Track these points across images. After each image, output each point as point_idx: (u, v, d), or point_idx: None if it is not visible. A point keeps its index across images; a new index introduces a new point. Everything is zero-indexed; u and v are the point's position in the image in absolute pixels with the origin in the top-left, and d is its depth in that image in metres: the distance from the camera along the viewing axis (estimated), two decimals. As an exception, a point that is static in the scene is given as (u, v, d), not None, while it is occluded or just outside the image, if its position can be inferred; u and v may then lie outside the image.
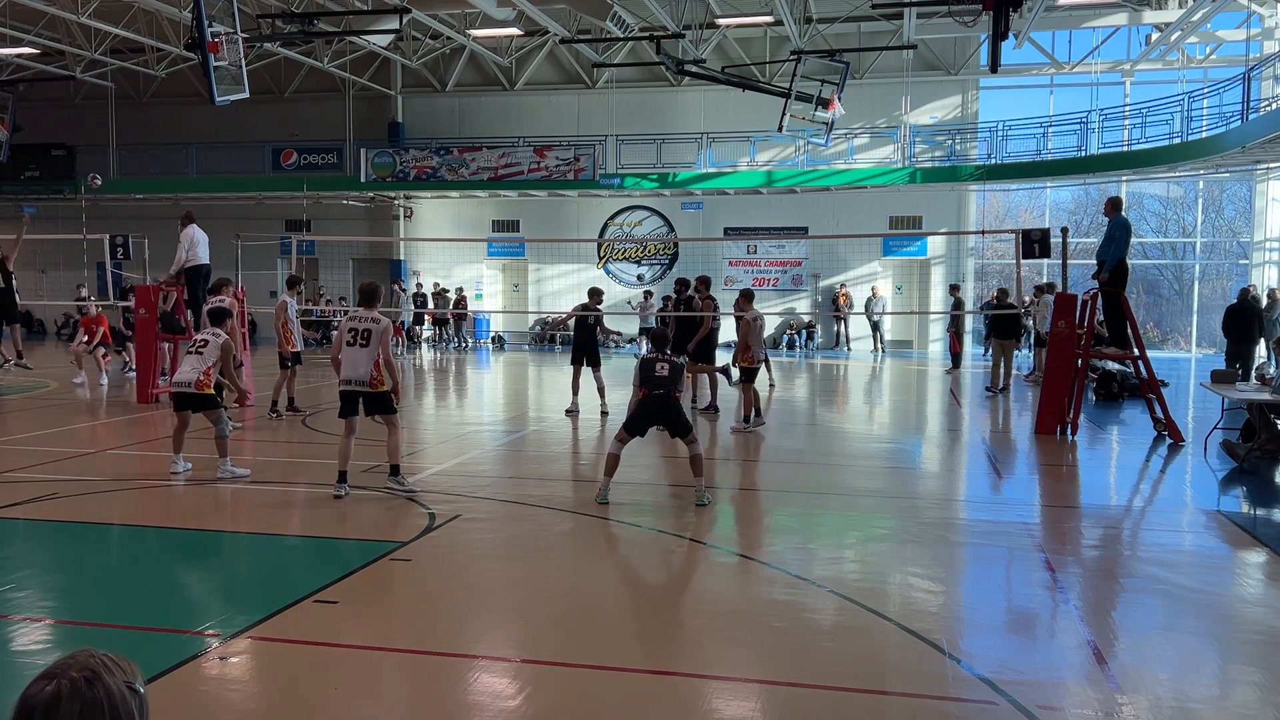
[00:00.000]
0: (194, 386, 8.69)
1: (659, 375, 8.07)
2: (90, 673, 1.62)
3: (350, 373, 8.02)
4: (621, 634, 5.13)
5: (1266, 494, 9.39)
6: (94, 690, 1.61)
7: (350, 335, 8.01)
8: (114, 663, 1.67)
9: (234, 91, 14.87)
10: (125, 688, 1.65)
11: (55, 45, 25.25)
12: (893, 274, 27.88)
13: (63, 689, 1.59)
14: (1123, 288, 11.83)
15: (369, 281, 8.64)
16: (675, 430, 8.12)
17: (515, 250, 29.12)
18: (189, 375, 8.74)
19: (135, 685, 1.67)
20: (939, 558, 6.65)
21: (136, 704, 1.66)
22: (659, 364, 8.15)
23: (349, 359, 8.02)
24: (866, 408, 16.11)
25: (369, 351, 7.96)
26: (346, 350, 8.03)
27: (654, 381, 8.06)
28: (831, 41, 25.08)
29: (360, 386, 8.02)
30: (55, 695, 1.59)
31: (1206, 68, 25.76)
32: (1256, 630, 5.30)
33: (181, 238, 13.76)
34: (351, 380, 8.02)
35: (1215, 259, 31.49)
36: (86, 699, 1.60)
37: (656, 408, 8.02)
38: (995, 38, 14.10)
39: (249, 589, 5.92)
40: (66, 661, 1.64)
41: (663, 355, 8.35)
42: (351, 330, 8.02)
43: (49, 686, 1.60)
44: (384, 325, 8.04)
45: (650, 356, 8.33)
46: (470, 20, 24.61)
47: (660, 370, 8.10)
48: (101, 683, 1.62)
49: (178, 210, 21.69)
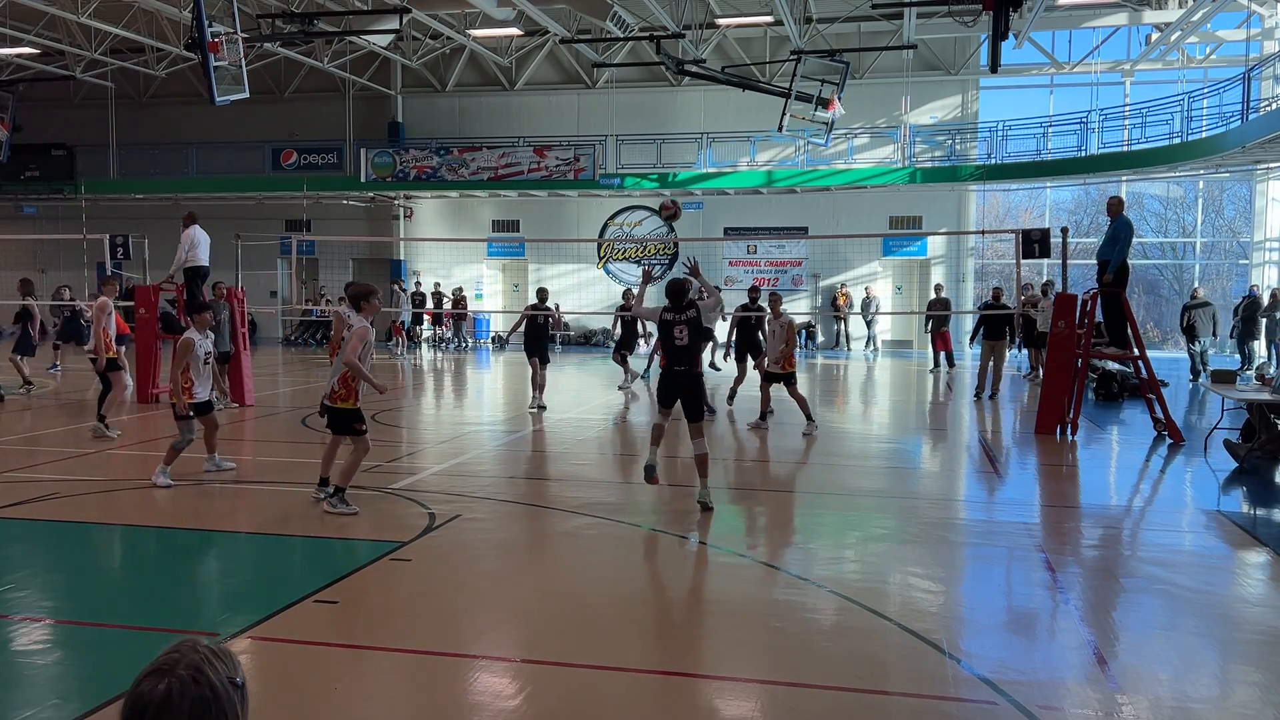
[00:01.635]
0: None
1: (678, 344, 7.34)
2: (196, 670, 1.65)
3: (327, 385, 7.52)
4: (621, 634, 5.13)
5: (1266, 494, 9.38)
6: (200, 687, 1.63)
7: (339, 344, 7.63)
8: (217, 657, 1.70)
9: (234, 91, 14.87)
10: (228, 682, 1.67)
11: (55, 45, 25.25)
12: (893, 274, 27.88)
13: (173, 687, 1.61)
14: (1123, 288, 11.83)
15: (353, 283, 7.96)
16: (688, 412, 7.50)
17: (515, 250, 29.11)
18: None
19: (237, 679, 1.70)
20: (939, 558, 6.65)
21: (239, 698, 1.69)
22: (676, 329, 7.36)
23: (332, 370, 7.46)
24: (866, 408, 16.10)
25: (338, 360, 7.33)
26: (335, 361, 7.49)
27: (674, 353, 7.37)
28: (831, 41, 25.09)
29: (324, 399, 7.41)
30: (167, 694, 1.61)
31: (1206, 68, 25.77)
32: (1256, 630, 5.30)
33: (182, 238, 13.75)
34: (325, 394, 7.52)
35: (1215, 259, 31.49)
36: (195, 696, 1.62)
37: (676, 383, 7.46)
38: (995, 38, 14.10)
39: (249, 589, 5.92)
40: (173, 656, 1.66)
41: (681, 315, 7.44)
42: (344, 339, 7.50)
43: (160, 685, 1.62)
44: (356, 328, 7.30)
45: (668, 319, 7.49)
46: (470, 20, 24.62)
47: (679, 337, 7.33)
48: (207, 679, 1.65)
49: (178, 210, 21.71)
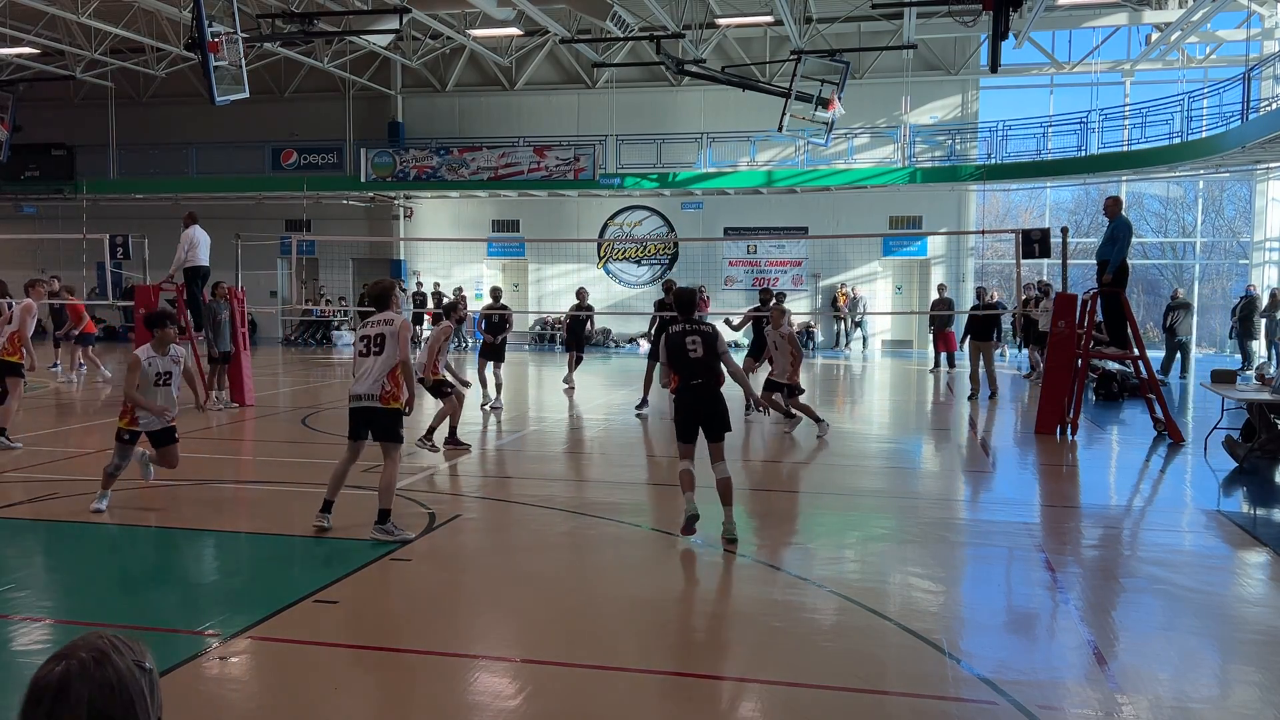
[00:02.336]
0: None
1: (692, 357, 6.52)
2: (99, 653, 1.63)
3: (359, 386, 6.69)
4: (621, 634, 5.13)
5: (1266, 494, 9.38)
6: (103, 670, 1.62)
7: (363, 345, 6.74)
8: (123, 643, 1.68)
9: (234, 91, 14.87)
10: (135, 666, 1.66)
11: (55, 45, 25.24)
12: (893, 274, 27.88)
13: (72, 670, 1.60)
14: (1123, 288, 11.83)
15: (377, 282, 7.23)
16: (710, 431, 6.59)
17: (515, 250, 29.11)
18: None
19: (144, 663, 1.68)
20: (939, 558, 6.65)
21: (146, 682, 1.67)
22: (688, 340, 6.56)
23: (360, 371, 6.74)
24: (866, 408, 16.10)
25: (385, 359, 6.65)
26: (360, 361, 6.76)
27: (687, 367, 6.53)
28: (831, 41, 25.08)
29: (370, 401, 6.65)
30: (65, 676, 1.60)
31: (1206, 68, 25.76)
32: (1256, 630, 5.30)
33: (182, 238, 13.76)
34: (360, 396, 6.69)
35: (1215, 259, 31.49)
36: (96, 679, 1.61)
37: (695, 400, 6.56)
38: (995, 38, 14.10)
39: (249, 589, 5.92)
40: (76, 643, 1.65)
41: (691, 325, 6.67)
42: (364, 338, 6.76)
43: (58, 668, 1.61)
44: (399, 323, 6.74)
45: (677, 330, 6.67)
46: (470, 20, 24.61)
47: (692, 349, 6.52)
48: (110, 663, 1.63)
49: (178, 210, 21.69)
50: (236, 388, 13.97)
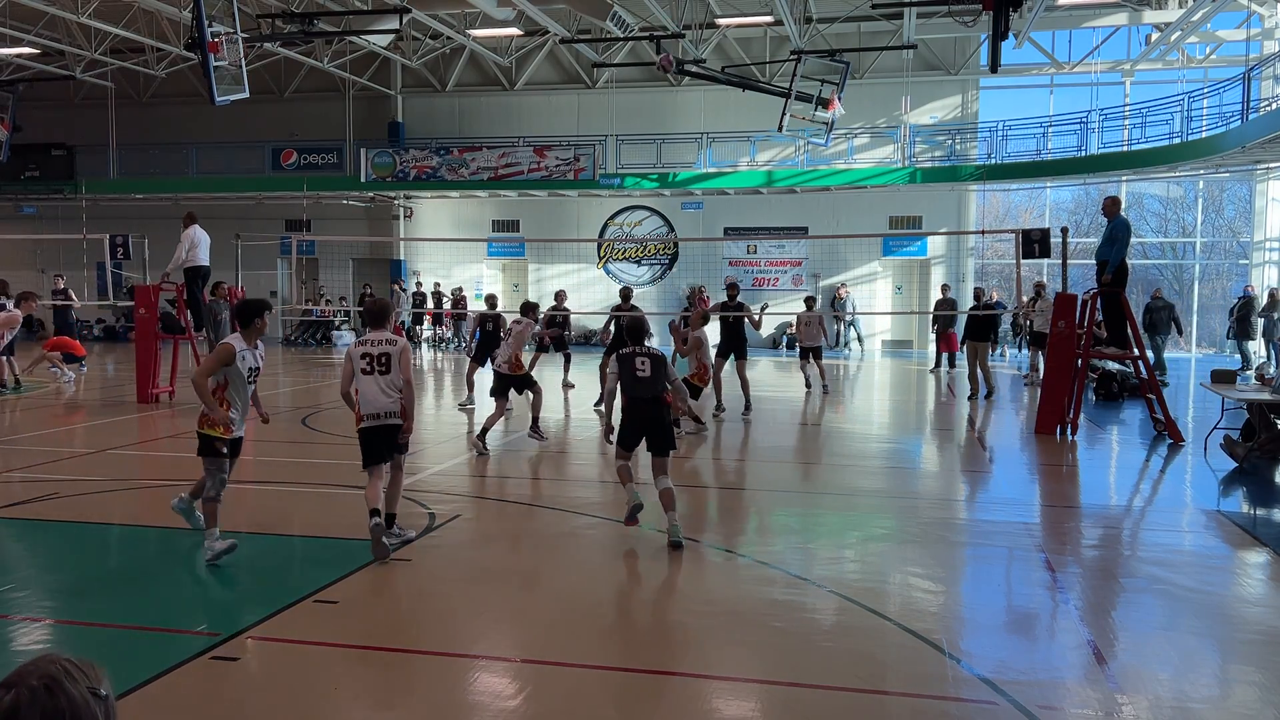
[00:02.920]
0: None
1: (640, 376, 7.05)
2: (50, 680, 1.55)
3: (377, 405, 6.68)
4: (621, 634, 5.13)
5: (1266, 494, 9.38)
6: (54, 698, 1.54)
7: (365, 363, 6.73)
8: (76, 668, 1.59)
9: (234, 91, 14.87)
10: (89, 693, 1.58)
11: (55, 45, 25.24)
12: (893, 274, 27.88)
13: (21, 698, 1.52)
14: (1123, 288, 11.83)
15: (376, 299, 7.35)
16: (655, 445, 7.05)
17: (515, 250, 29.11)
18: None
19: (99, 690, 1.60)
20: (939, 558, 6.65)
21: (101, 710, 1.59)
22: (638, 359, 7.09)
23: (371, 390, 6.71)
24: (865, 408, 16.10)
25: (391, 378, 6.74)
26: (364, 380, 6.72)
27: (637, 384, 7.07)
28: (831, 41, 25.08)
29: (392, 419, 6.73)
30: (14, 705, 1.52)
31: (1206, 68, 25.76)
32: (1256, 630, 5.30)
33: (182, 238, 13.77)
34: (380, 414, 6.70)
35: (1215, 259, 31.49)
36: (46, 708, 1.53)
37: (642, 416, 7.06)
38: (995, 38, 14.10)
39: (249, 589, 5.92)
40: (27, 669, 1.57)
41: (640, 349, 7.22)
42: (366, 356, 6.75)
43: (7, 696, 1.52)
44: (402, 344, 6.88)
45: (627, 352, 7.20)
46: (470, 20, 24.61)
47: (641, 369, 7.06)
48: (63, 690, 1.55)
49: (178, 210, 21.70)
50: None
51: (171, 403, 14.11)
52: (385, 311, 7.03)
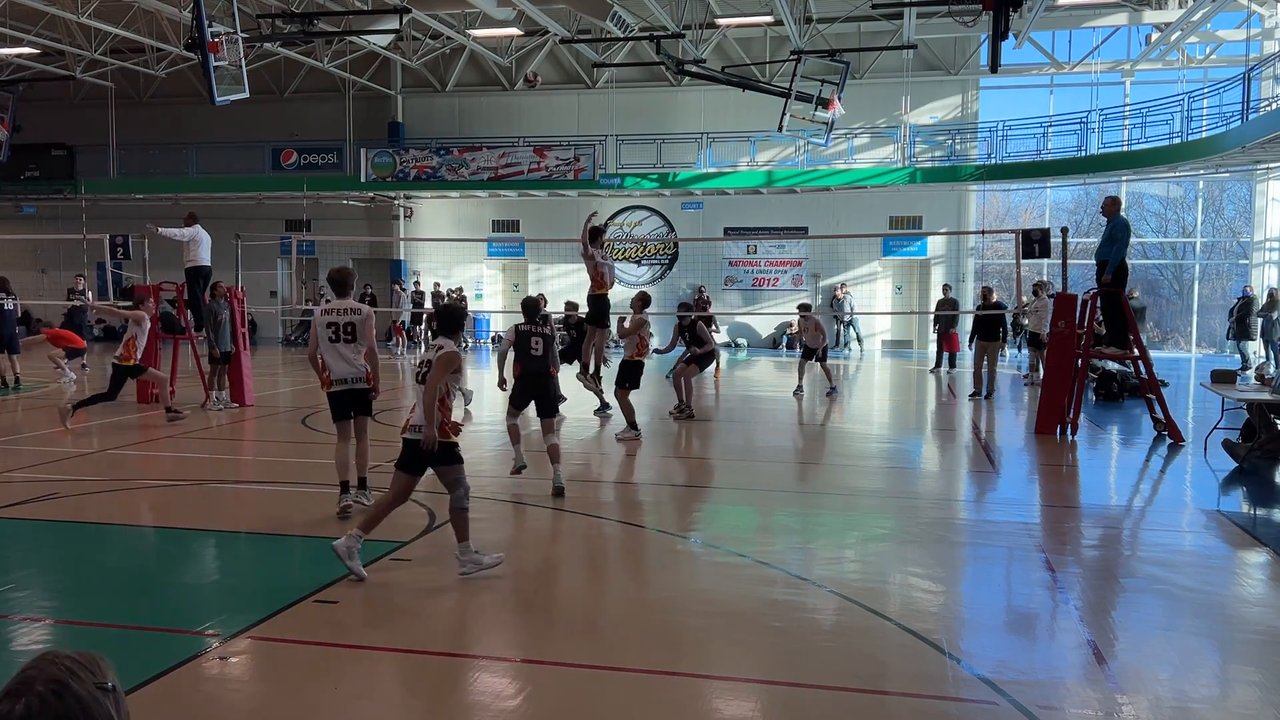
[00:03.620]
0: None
1: (534, 353, 8.29)
2: (57, 683, 1.52)
3: (345, 370, 7.28)
4: (621, 634, 5.13)
5: (1266, 494, 9.38)
6: (64, 702, 1.51)
7: (332, 331, 7.24)
8: (80, 665, 1.57)
9: (234, 91, 14.87)
10: (96, 690, 1.55)
11: (55, 45, 25.24)
12: (893, 274, 27.88)
13: (32, 706, 1.49)
14: (1123, 288, 11.83)
15: (339, 268, 7.69)
16: (542, 410, 8.36)
17: (515, 250, 29.11)
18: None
19: (106, 684, 1.57)
20: (939, 558, 6.65)
21: (112, 703, 1.57)
22: (533, 339, 8.31)
23: (337, 357, 7.26)
24: (865, 408, 16.10)
25: (357, 345, 7.29)
26: (330, 347, 7.25)
27: (529, 359, 8.30)
28: (831, 41, 25.08)
29: (359, 384, 7.33)
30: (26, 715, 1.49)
31: (1206, 68, 25.76)
32: (1256, 630, 5.30)
33: (184, 231, 13.80)
34: (348, 379, 7.30)
35: (1215, 259, 31.49)
36: (57, 713, 1.50)
37: (532, 387, 8.37)
38: (995, 38, 14.10)
39: (249, 589, 5.92)
40: (30, 675, 1.53)
41: (536, 328, 8.34)
42: (332, 325, 7.24)
43: (18, 706, 1.49)
44: (366, 313, 7.36)
45: (525, 328, 8.38)
46: (470, 20, 24.61)
47: (535, 348, 8.29)
48: (70, 691, 1.52)
49: (178, 210, 21.72)
50: (236, 388, 13.97)
51: (172, 403, 14.10)
52: (348, 279, 7.53)
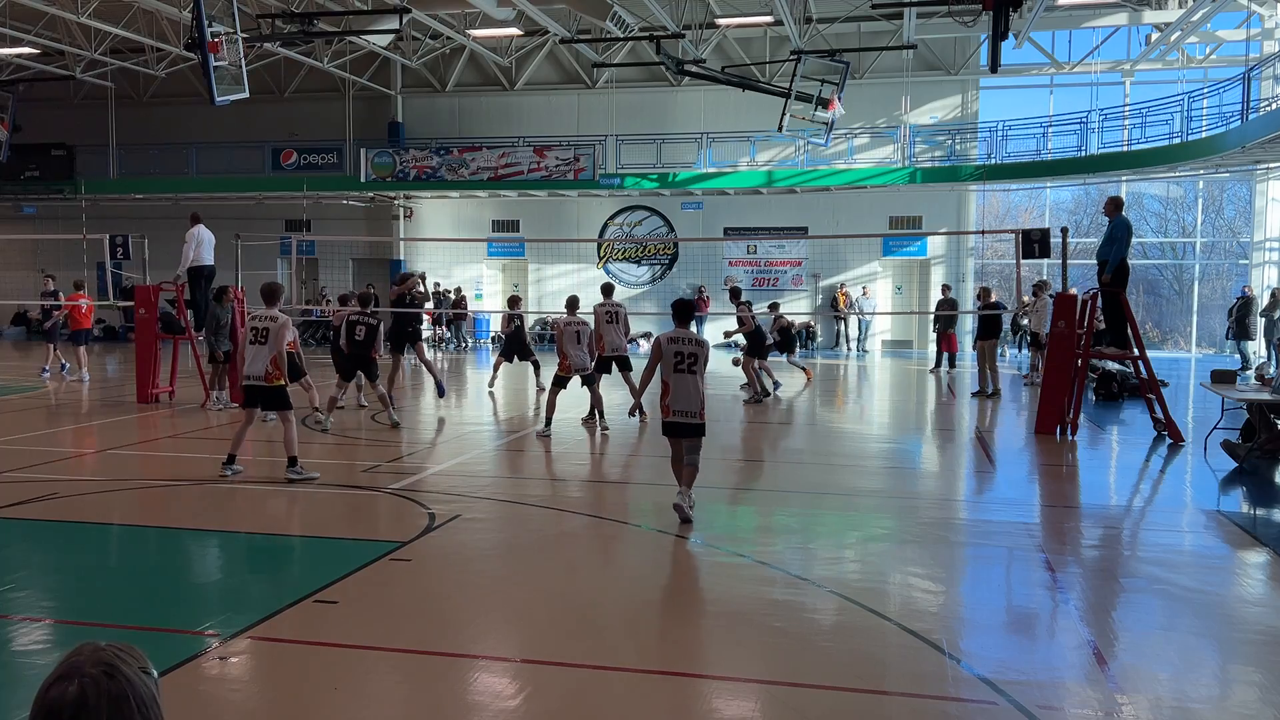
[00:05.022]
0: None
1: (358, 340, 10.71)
2: (107, 666, 1.60)
3: (249, 369, 8.54)
4: (621, 634, 5.13)
5: (1266, 494, 9.39)
6: (116, 683, 1.59)
7: (251, 334, 8.53)
8: (124, 650, 1.65)
9: (234, 91, 14.86)
10: (141, 672, 1.63)
11: (55, 45, 25.23)
12: (893, 274, 27.88)
13: (86, 688, 1.56)
14: (1123, 287, 11.83)
15: (268, 282, 9.00)
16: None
17: (515, 250, 29.11)
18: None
19: (148, 669, 1.66)
20: (939, 558, 6.65)
21: (154, 686, 1.66)
22: (357, 330, 10.53)
23: (249, 356, 8.53)
24: (865, 408, 16.10)
25: (267, 348, 8.46)
26: (248, 348, 8.54)
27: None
28: (831, 41, 25.08)
29: (257, 381, 8.50)
30: (80, 696, 1.55)
31: (1206, 68, 25.76)
32: (1256, 630, 5.30)
33: (187, 236, 13.79)
34: (250, 376, 8.55)
35: (1215, 259, 31.49)
36: (111, 693, 1.57)
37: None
38: (995, 38, 14.10)
39: (249, 589, 5.92)
40: (80, 659, 1.61)
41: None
42: (253, 329, 8.53)
43: (71, 688, 1.56)
44: (281, 322, 8.54)
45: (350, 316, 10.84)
46: (470, 20, 24.60)
47: (357, 334, 10.81)
48: (120, 673, 1.60)
49: (178, 210, 21.71)
50: (236, 388, 13.94)
51: (171, 403, 14.12)
52: (275, 293, 8.76)
